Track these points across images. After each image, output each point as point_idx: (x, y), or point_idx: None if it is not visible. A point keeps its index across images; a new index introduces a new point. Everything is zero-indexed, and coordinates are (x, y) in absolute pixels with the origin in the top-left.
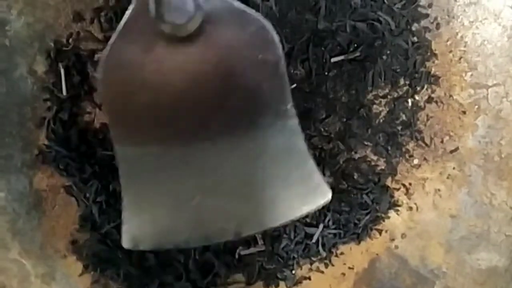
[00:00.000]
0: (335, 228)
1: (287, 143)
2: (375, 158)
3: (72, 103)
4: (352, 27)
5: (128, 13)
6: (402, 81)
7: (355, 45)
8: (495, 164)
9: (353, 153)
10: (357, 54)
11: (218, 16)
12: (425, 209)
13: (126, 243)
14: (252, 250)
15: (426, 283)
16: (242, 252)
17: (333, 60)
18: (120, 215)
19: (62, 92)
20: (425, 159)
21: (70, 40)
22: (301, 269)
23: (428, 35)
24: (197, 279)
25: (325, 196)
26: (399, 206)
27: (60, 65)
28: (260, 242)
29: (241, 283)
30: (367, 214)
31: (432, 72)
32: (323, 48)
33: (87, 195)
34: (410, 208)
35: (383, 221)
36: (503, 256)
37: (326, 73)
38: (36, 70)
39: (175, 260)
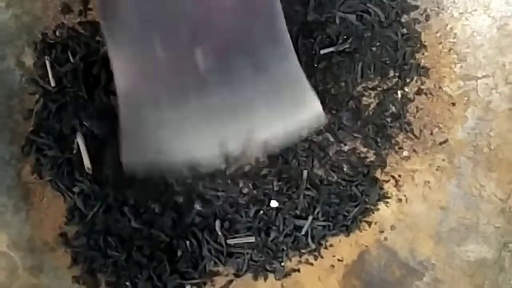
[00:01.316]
0: (324, 220)
1: (281, 65)
2: (364, 150)
3: (60, 95)
4: (342, 19)
5: None
6: (391, 73)
7: (345, 36)
8: (484, 155)
9: (342, 145)
10: (347, 45)
11: None
12: (415, 201)
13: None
14: (241, 240)
15: (415, 275)
16: (230, 241)
17: (322, 52)
18: (107, 208)
19: (49, 84)
20: (414, 151)
21: (57, 32)
22: (290, 261)
23: (417, 27)
24: (185, 271)
25: (317, 112)
26: (388, 198)
27: (46, 57)
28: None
29: (229, 275)
30: (356, 206)
31: (422, 63)
32: (312, 40)
33: (72, 188)
34: (400, 200)
35: (373, 213)
36: (492, 248)
37: (315, 65)
38: (24, 62)
39: (164, 252)
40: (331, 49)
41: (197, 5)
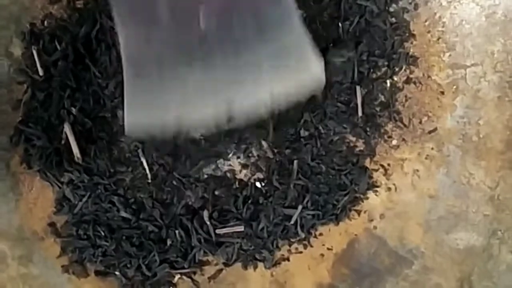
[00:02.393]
0: (313, 209)
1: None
2: (353, 139)
3: (48, 84)
4: None
5: None
6: (380, 62)
7: None
8: (473, 144)
9: (332, 134)
10: None
11: None
12: (404, 189)
13: (128, 128)
14: (230, 230)
15: (405, 263)
16: (220, 231)
17: None
18: (96, 197)
19: (38, 74)
20: (403, 139)
21: (46, 22)
22: (280, 250)
23: (406, 16)
24: (175, 260)
25: (317, 76)
26: (377, 187)
27: (33, 47)
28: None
29: (219, 265)
30: (345, 195)
31: (411, 52)
32: None
33: (61, 178)
34: (389, 189)
35: (362, 202)
36: (481, 235)
37: None
38: (13, 52)
39: (153, 241)
40: None
41: None
